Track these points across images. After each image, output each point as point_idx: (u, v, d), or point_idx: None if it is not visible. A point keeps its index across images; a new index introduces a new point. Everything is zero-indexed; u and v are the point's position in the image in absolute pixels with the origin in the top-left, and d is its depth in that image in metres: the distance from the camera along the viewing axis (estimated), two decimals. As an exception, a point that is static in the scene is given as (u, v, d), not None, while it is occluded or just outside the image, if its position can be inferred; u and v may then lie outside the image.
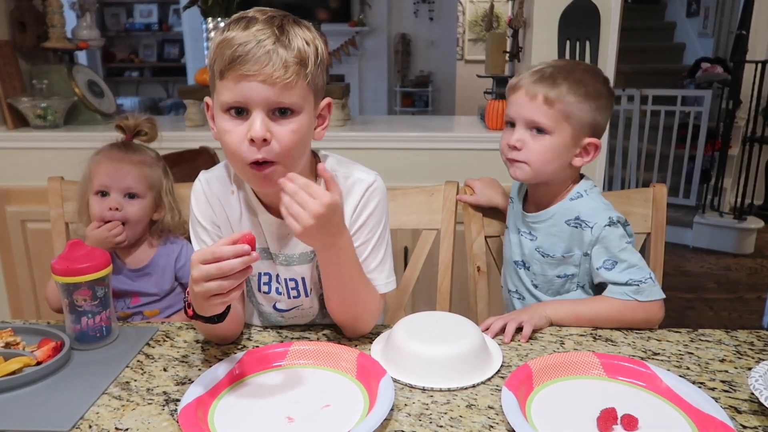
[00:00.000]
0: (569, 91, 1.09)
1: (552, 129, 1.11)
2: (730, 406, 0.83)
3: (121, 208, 1.31)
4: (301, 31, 0.92)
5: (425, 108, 6.93)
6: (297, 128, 0.93)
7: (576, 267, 1.16)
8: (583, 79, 1.11)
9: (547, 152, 1.12)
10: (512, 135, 1.15)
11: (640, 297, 1.08)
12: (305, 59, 0.91)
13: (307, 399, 0.85)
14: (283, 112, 0.92)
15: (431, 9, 6.67)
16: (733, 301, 3.22)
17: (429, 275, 1.45)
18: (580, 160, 1.14)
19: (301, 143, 0.96)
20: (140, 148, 1.37)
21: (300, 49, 0.90)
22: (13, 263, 2.15)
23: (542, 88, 1.10)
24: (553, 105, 1.09)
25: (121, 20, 7.26)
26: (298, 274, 1.08)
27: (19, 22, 2.26)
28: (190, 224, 1.09)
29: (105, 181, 1.31)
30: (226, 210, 1.06)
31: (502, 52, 2.29)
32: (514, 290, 1.29)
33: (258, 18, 0.91)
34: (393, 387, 0.84)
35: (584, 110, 1.10)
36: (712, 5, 5.09)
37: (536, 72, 1.13)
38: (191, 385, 0.85)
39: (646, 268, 1.10)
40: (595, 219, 1.12)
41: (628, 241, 1.11)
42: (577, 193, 1.16)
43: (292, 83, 0.90)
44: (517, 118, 1.14)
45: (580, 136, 1.12)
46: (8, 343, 0.98)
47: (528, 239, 1.22)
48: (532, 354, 0.99)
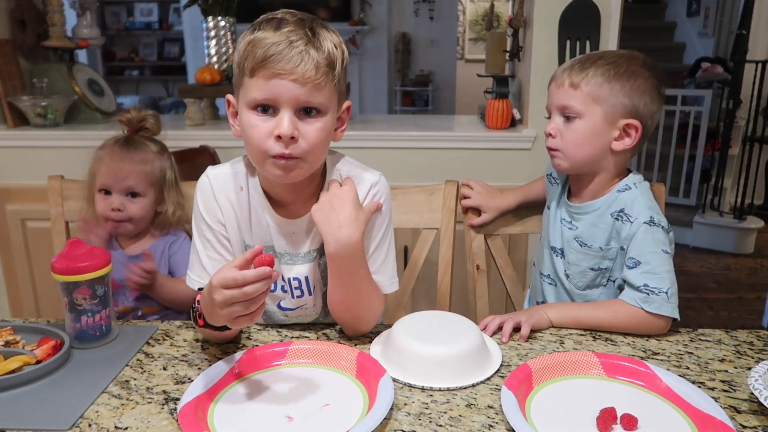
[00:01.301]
0: (596, 73, 1.09)
1: (581, 112, 1.10)
2: (729, 406, 0.83)
3: (123, 208, 1.34)
4: (329, 35, 0.94)
5: (425, 107, 6.93)
6: (323, 127, 0.95)
7: (611, 261, 1.14)
8: (616, 62, 1.10)
9: (579, 136, 1.11)
10: (549, 124, 1.16)
11: (648, 307, 1.03)
12: (334, 62, 0.93)
13: (306, 398, 0.85)
14: (310, 112, 0.94)
15: (431, 8, 6.66)
16: (733, 301, 3.23)
17: (429, 274, 1.45)
18: (620, 143, 1.11)
19: (325, 142, 0.98)
20: (143, 144, 1.38)
21: (330, 52, 0.92)
22: (12, 262, 2.15)
23: (570, 75, 1.11)
24: (578, 87, 1.09)
25: (122, 19, 7.26)
26: (302, 274, 1.08)
27: (19, 20, 2.26)
28: (193, 221, 1.08)
29: (107, 181, 1.34)
30: (234, 207, 1.06)
31: (502, 51, 2.29)
32: (547, 275, 1.27)
33: (288, 20, 0.92)
34: (393, 386, 0.84)
35: (615, 90, 1.08)
36: (712, 5, 5.09)
37: (571, 61, 1.14)
38: (191, 385, 0.85)
39: (668, 281, 1.05)
40: (636, 214, 1.09)
41: (664, 249, 1.07)
42: (626, 185, 1.13)
43: (321, 84, 0.92)
44: (551, 108, 1.15)
45: (615, 117, 1.10)
46: (8, 341, 0.98)
47: (568, 227, 1.20)
48: (532, 353, 0.99)
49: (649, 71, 1.12)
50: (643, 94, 1.10)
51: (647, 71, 1.11)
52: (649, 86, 1.10)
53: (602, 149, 1.12)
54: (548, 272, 1.27)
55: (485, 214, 1.38)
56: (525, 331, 1.03)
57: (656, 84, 1.11)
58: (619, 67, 1.09)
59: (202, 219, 1.06)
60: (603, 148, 1.12)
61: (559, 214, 1.23)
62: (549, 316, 1.08)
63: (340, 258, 0.98)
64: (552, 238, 1.24)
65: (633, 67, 1.10)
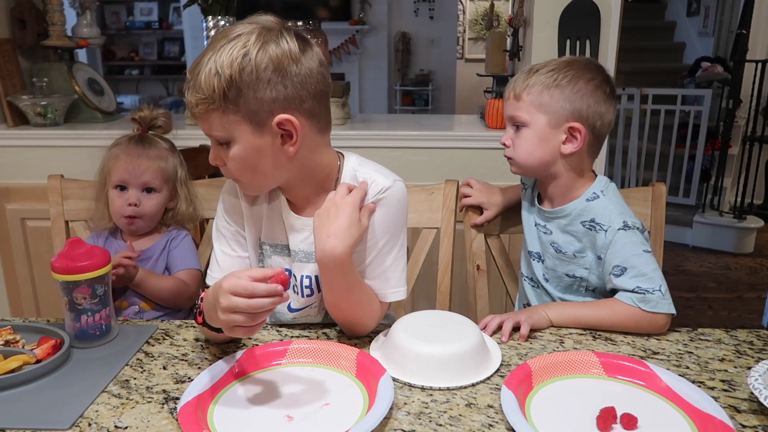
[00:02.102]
0: (536, 82, 1.12)
1: (527, 121, 1.14)
2: (729, 406, 0.83)
3: (139, 203, 1.37)
4: (213, 61, 0.89)
5: (425, 107, 6.93)
6: (234, 156, 0.95)
7: (586, 270, 1.16)
8: (555, 69, 1.13)
9: (528, 144, 1.15)
10: (504, 135, 1.20)
11: (645, 306, 1.04)
12: (210, 94, 0.89)
13: (306, 397, 0.85)
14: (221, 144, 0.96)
15: (431, 8, 6.66)
16: (733, 300, 3.23)
17: (429, 274, 1.45)
18: (568, 147, 1.13)
19: (252, 168, 0.97)
20: (155, 141, 1.41)
21: (203, 86, 0.89)
22: (12, 261, 2.15)
23: (514, 87, 1.16)
24: (521, 99, 1.14)
25: (122, 18, 7.24)
26: (313, 272, 1.08)
27: (19, 19, 2.25)
28: (216, 217, 1.13)
29: (123, 177, 1.36)
30: (251, 204, 1.09)
31: (502, 50, 2.29)
32: (529, 277, 1.29)
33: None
34: (392, 386, 0.84)
35: (555, 97, 1.11)
36: (712, 4, 5.09)
37: (518, 73, 1.18)
38: (191, 384, 0.85)
39: (658, 279, 1.06)
40: (609, 222, 1.10)
41: (644, 249, 1.09)
42: (594, 194, 1.15)
43: (205, 115, 0.92)
44: (505, 120, 1.20)
45: (559, 122, 1.12)
46: (8, 341, 0.98)
47: (543, 232, 1.22)
48: (532, 353, 0.99)
49: (592, 72, 1.14)
50: (584, 96, 1.12)
51: (589, 73, 1.13)
52: (591, 88, 1.12)
53: (552, 153, 1.15)
54: (530, 275, 1.28)
55: (487, 211, 1.39)
56: (524, 330, 1.03)
57: (599, 84, 1.13)
58: (558, 73, 1.12)
59: (224, 218, 1.10)
60: (552, 153, 1.15)
61: (533, 219, 1.25)
62: (549, 316, 1.08)
63: (324, 266, 0.98)
64: (530, 243, 1.26)
65: (572, 71, 1.12)
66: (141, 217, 1.38)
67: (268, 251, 1.11)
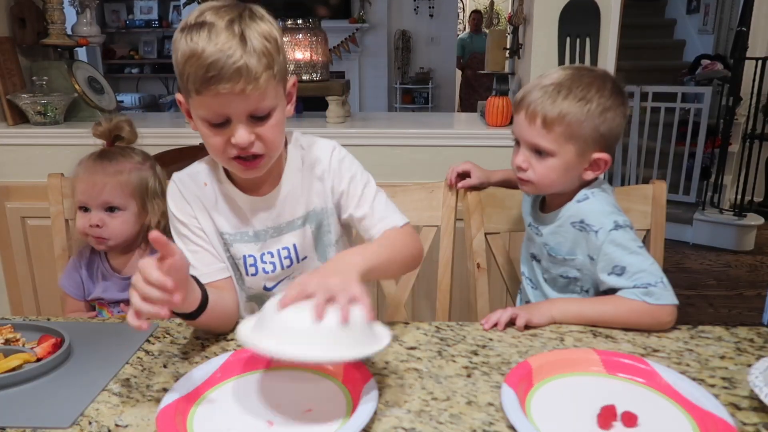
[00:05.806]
0: (569, 110, 1.06)
1: (554, 151, 1.09)
2: (730, 403, 0.83)
3: (102, 224, 1.28)
4: (259, 27, 0.92)
5: (425, 105, 6.93)
6: (276, 123, 0.98)
7: (578, 271, 1.15)
8: (586, 96, 1.06)
9: (551, 173, 1.11)
10: (518, 155, 1.14)
11: (650, 299, 1.03)
12: (270, 60, 0.92)
13: (289, 403, 0.83)
14: (262, 117, 0.96)
15: (431, 6, 6.66)
16: (733, 298, 3.23)
17: (429, 272, 1.45)
18: (590, 173, 1.12)
19: (282, 132, 1.02)
20: (118, 155, 1.31)
21: (264, 51, 0.91)
22: (13, 260, 2.15)
23: (541, 110, 1.07)
24: (552, 128, 1.07)
25: (121, 17, 7.25)
26: (290, 242, 1.11)
27: (19, 18, 2.25)
28: (170, 224, 1.12)
29: (82, 198, 1.29)
30: (202, 201, 1.10)
31: (502, 48, 2.29)
32: (528, 277, 1.29)
33: (217, 24, 0.89)
34: (377, 392, 0.82)
35: (587, 128, 1.07)
36: (712, 2, 5.09)
37: (539, 90, 1.09)
38: (170, 389, 0.84)
39: (657, 272, 1.06)
40: (600, 223, 1.09)
41: (638, 246, 1.08)
42: (584, 195, 1.13)
43: (264, 91, 0.92)
44: (520, 140, 1.13)
45: (587, 152, 1.09)
46: (8, 339, 0.98)
47: (536, 234, 1.22)
48: (532, 350, 0.99)
49: (616, 98, 1.09)
50: (611, 122, 1.09)
51: (614, 99, 1.09)
52: (618, 114, 1.10)
53: (573, 181, 1.13)
54: (530, 275, 1.29)
55: (471, 179, 1.40)
56: (520, 322, 1.04)
57: (624, 110, 1.11)
58: (591, 101, 1.06)
59: (176, 219, 1.10)
60: (574, 180, 1.13)
61: (529, 219, 1.25)
62: (552, 314, 1.08)
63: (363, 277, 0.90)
64: (530, 244, 1.26)
65: (602, 98, 1.07)
66: (108, 238, 1.29)
67: (229, 239, 1.12)
